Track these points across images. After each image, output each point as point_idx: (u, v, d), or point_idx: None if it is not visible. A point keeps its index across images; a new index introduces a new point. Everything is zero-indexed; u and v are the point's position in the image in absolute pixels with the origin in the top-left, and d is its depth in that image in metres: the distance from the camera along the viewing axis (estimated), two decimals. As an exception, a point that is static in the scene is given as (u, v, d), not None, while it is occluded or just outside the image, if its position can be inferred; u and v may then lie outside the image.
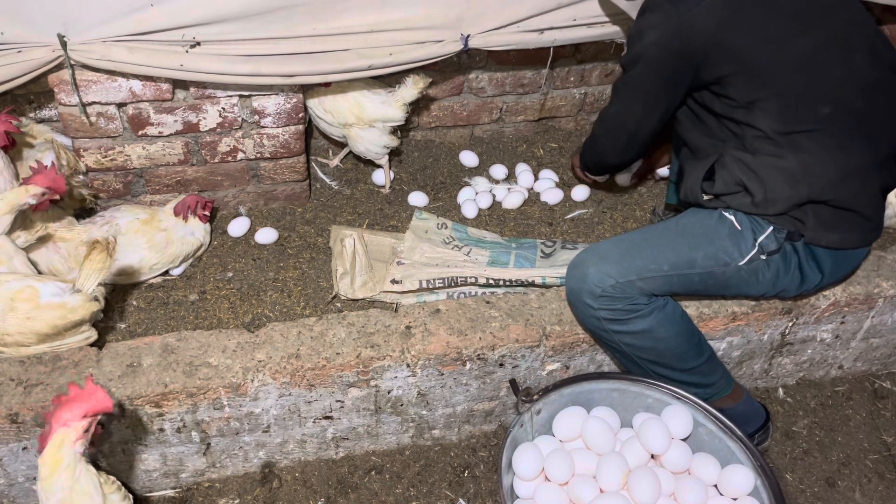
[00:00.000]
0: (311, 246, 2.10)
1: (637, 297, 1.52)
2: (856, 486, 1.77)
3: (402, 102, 2.09)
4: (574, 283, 1.57)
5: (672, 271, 1.52)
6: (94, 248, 1.51)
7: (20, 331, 1.48)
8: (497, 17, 1.93)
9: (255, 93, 1.92)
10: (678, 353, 1.58)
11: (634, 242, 1.57)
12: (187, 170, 2.05)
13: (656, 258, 1.52)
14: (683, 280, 1.54)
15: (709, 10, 1.42)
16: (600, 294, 1.51)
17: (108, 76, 1.79)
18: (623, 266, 1.52)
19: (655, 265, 1.52)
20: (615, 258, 1.53)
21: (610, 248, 1.58)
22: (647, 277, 1.51)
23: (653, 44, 1.48)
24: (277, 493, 1.67)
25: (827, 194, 1.46)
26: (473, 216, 2.20)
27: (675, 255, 1.53)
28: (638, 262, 1.52)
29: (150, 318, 1.87)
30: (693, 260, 1.52)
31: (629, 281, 1.51)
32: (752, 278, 1.54)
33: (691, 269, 1.53)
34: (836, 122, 1.44)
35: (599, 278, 1.51)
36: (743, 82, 1.45)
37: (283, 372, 1.51)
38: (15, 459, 1.49)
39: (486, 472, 1.74)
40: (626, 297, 1.51)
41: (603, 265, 1.53)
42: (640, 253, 1.54)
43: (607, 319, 1.54)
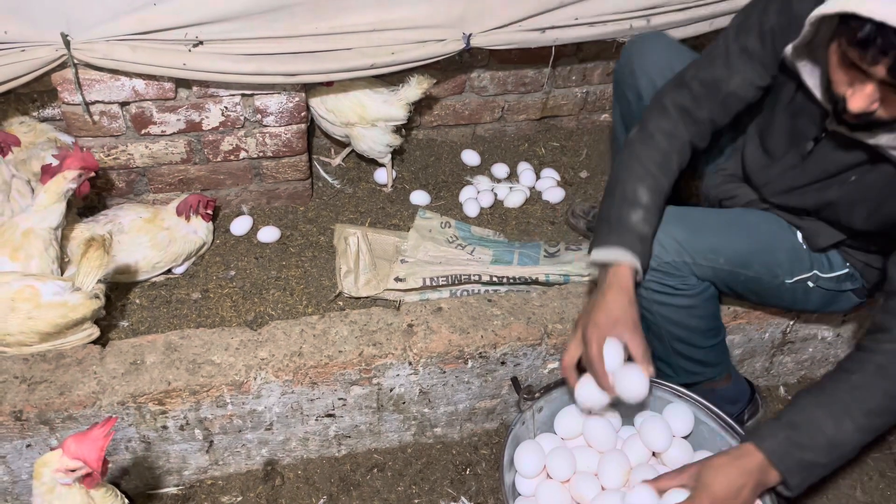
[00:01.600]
0: (314, 244, 2.10)
1: (689, 276, 1.45)
2: (857, 483, 1.77)
3: (404, 102, 2.09)
4: None
5: (725, 266, 1.45)
6: (91, 246, 1.51)
7: (22, 330, 1.48)
8: (499, 16, 1.94)
9: (258, 92, 1.93)
10: (705, 330, 1.56)
11: (699, 222, 1.48)
12: (190, 168, 2.06)
13: (716, 248, 1.45)
14: (731, 277, 1.48)
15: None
16: (655, 267, 1.43)
17: (111, 75, 1.79)
18: (684, 245, 1.43)
19: (714, 255, 1.44)
20: (677, 234, 1.43)
21: (673, 219, 1.46)
22: (700, 263, 1.44)
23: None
24: (280, 491, 1.67)
25: None
26: (475, 215, 2.20)
27: (733, 252, 1.45)
28: (698, 245, 1.43)
29: (153, 317, 1.87)
30: (749, 262, 1.46)
31: (684, 262, 1.43)
32: (788, 296, 1.51)
33: (742, 270, 1.46)
34: None
35: (657, 251, 1.42)
36: None
37: (286, 370, 1.52)
38: (19, 457, 1.49)
39: (488, 469, 1.75)
40: (679, 275, 1.45)
41: (663, 238, 1.42)
42: (702, 235, 1.45)
43: (654, 291, 1.47)
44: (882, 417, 1.23)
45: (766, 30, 1.34)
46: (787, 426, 1.25)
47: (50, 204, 1.62)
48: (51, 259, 1.63)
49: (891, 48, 0.99)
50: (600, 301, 1.36)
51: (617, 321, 1.33)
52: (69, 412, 1.43)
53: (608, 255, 1.38)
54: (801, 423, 1.24)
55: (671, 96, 1.47)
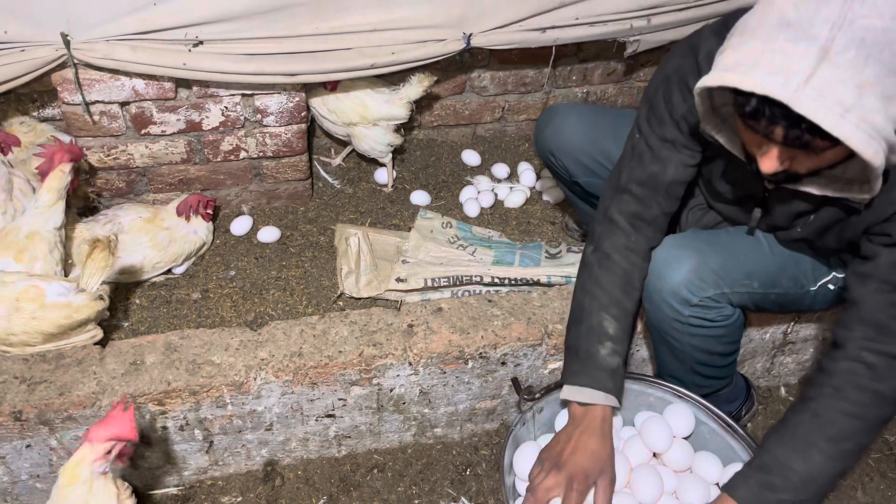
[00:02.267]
0: (314, 245, 2.10)
1: (725, 307, 1.41)
2: (858, 484, 1.77)
3: (406, 101, 2.09)
4: (661, 283, 1.40)
5: (759, 289, 1.43)
6: (96, 247, 1.51)
7: (26, 331, 1.48)
8: (499, 16, 1.94)
9: (258, 92, 1.93)
10: (728, 353, 1.55)
11: (729, 249, 1.43)
12: (190, 168, 2.06)
13: (751, 272, 1.41)
14: (762, 298, 1.45)
15: None
16: (696, 303, 1.38)
17: (112, 75, 1.79)
18: (720, 275, 1.38)
19: (748, 280, 1.41)
20: (715, 263, 1.38)
21: (707, 247, 1.41)
22: (737, 291, 1.41)
23: None
24: (280, 491, 1.67)
25: None
26: (475, 215, 2.20)
27: (765, 273, 1.42)
28: (734, 273, 1.39)
29: (152, 317, 1.87)
30: (778, 280, 1.44)
31: (722, 293, 1.39)
32: (809, 300, 1.49)
33: (773, 289, 1.44)
34: None
35: (697, 286, 1.37)
36: None
37: (286, 370, 1.51)
38: (18, 457, 1.49)
39: (489, 470, 1.75)
40: (717, 307, 1.41)
41: (702, 269, 1.38)
42: (738, 262, 1.40)
43: (692, 325, 1.43)
44: (850, 441, 1.19)
45: (678, 118, 1.33)
46: (757, 470, 1.22)
47: (54, 202, 1.62)
48: (55, 261, 1.63)
49: (781, 118, 0.96)
50: (580, 443, 1.33)
51: (602, 469, 1.32)
52: (69, 412, 1.43)
53: (580, 395, 1.37)
54: (770, 464, 1.21)
55: (616, 207, 1.43)
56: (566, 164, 1.73)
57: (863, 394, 1.18)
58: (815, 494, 1.20)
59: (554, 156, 1.74)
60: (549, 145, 1.74)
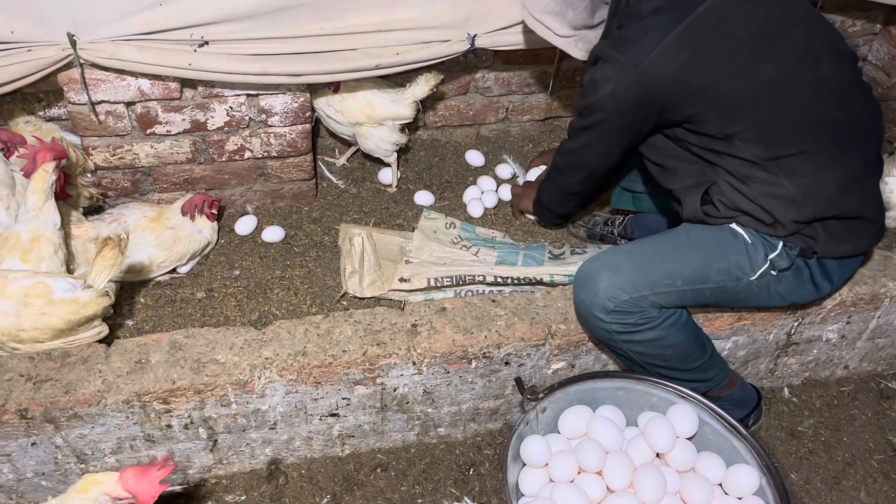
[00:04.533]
0: (318, 244, 2.11)
1: (649, 309, 1.49)
2: (861, 485, 1.76)
3: (412, 100, 2.10)
4: (584, 296, 1.53)
5: (685, 286, 1.49)
6: (107, 245, 1.52)
7: (35, 326, 1.49)
8: (504, 17, 1.94)
9: (263, 92, 1.93)
10: (684, 355, 1.58)
11: (647, 255, 1.53)
12: (195, 168, 2.06)
13: (670, 273, 1.49)
14: (696, 294, 1.51)
15: (665, 54, 1.36)
16: (613, 309, 1.48)
17: (117, 75, 1.80)
18: (636, 280, 1.48)
19: (669, 280, 1.49)
20: (628, 272, 1.49)
21: (622, 259, 1.53)
22: (660, 292, 1.49)
23: (610, 96, 1.44)
24: (283, 490, 1.68)
25: (832, 210, 1.43)
26: (479, 215, 2.20)
27: (688, 271, 1.49)
28: (651, 277, 1.49)
29: (157, 316, 1.88)
30: (706, 275, 1.49)
31: (642, 296, 1.48)
32: (763, 293, 1.52)
33: (704, 284, 1.50)
34: (822, 139, 1.41)
35: (612, 293, 1.48)
36: (715, 118, 1.41)
37: (290, 369, 1.52)
38: (24, 455, 1.50)
39: (492, 470, 1.75)
40: (639, 310, 1.49)
41: (615, 278, 1.49)
42: (653, 267, 1.50)
43: (619, 332, 1.52)
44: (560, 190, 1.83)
45: None
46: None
47: (42, 203, 1.62)
48: (59, 261, 1.63)
49: None
50: None
51: None
52: (74, 410, 1.43)
53: None
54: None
55: None
56: None
57: None
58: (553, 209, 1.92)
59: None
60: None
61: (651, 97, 1.41)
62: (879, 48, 2.48)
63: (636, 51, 1.38)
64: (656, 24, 1.39)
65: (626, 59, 1.38)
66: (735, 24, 1.38)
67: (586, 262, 1.57)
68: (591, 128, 1.54)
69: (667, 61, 1.37)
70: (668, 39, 1.36)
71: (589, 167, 1.67)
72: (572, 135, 1.63)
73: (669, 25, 1.37)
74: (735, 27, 1.39)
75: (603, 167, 1.65)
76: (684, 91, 1.39)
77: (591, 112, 1.51)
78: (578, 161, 1.68)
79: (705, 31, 1.38)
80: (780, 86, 1.39)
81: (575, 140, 1.63)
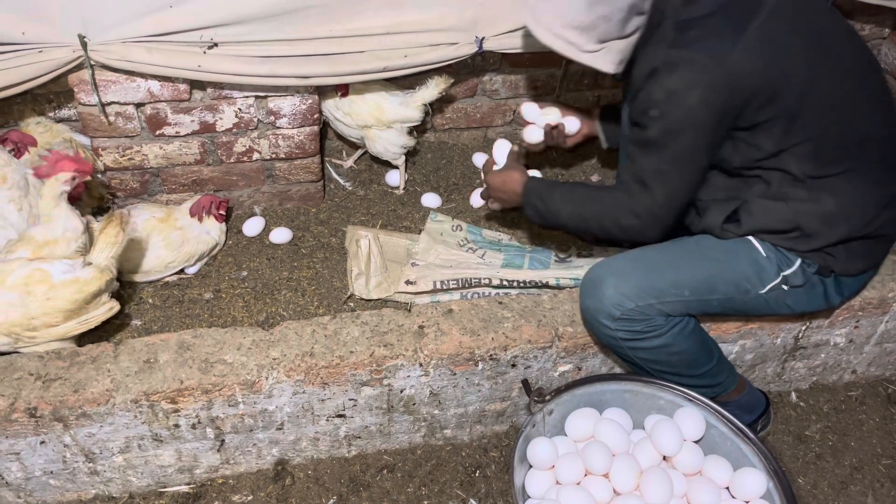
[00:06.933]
0: (325, 246, 2.11)
1: (655, 317, 1.48)
2: (868, 490, 1.76)
3: (420, 103, 2.10)
4: (590, 302, 1.51)
5: (692, 296, 1.48)
6: (110, 223, 1.58)
7: (44, 311, 1.52)
8: (511, 20, 1.94)
9: (271, 94, 1.94)
10: (691, 361, 1.57)
11: (655, 263, 1.50)
12: (203, 169, 2.07)
13: (677, 282, 1.47)
14: (702, 305, 1.50)
15: (750, 49, 1.25)
16: (619, 316, 1.47)
17: (127, 76, 1.81)
18: (643, 288, 1.46)
19: (676, 290, 1.47)
20: (635, 279, 1.47)
21: (628, 266, 1.51)
22: (666, 301, 1.47)
23: (700, 105, 1.28)
24: (290, 491, 1.68)
25: (865, 230, 1.41)
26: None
27: (696, 280, 1.47)
28: (658, 285, 1.46)
29: (165, 316, 1.89)
30: (714, 286, 1.47)
31: (649, 304, 1.46)
32: (772, 304, 1.51)
33: (711, 295, 1.48)
34: (868, 158, 1.37)
35: (618, 300, 1.46)
36: (781, 127, 1.32)
37: (297, 370, 1.52)
38: (33, 453, 1.51)
39: (498, 472, 1.75)
40: (645, 318, 1.47)
41: (622, 286, 1.46)
42: (660, 275, 1.47)
43: (624, 339, 1.51)
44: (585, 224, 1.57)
45: None
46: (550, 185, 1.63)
47: (51, 209, 1.64)
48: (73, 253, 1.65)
49: None
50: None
51: None
52: (83, 409, 1.44)
53: None
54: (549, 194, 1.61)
55: None
56: None
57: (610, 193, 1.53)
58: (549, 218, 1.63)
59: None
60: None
61: (739, 100, 1.29)
62: (888, 52, 2.48)
63: (718, 47, 1.26)
64: (729, 18, 1.28)
65: (708, 58, 1.26)
66: (796, 28, 1.31)
67: (592, 268, 1.56)
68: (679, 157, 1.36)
69: (752, 58, 1.26)
70: (749, 31, 1.26)
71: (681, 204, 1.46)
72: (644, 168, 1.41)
73: (744, 19, 1.27)
74: (797, 33, 1.31)
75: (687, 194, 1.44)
76: (764, 91, 1.29)
77: (675, 135, 1.33)
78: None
79: (781, 27, 1.29)
80: (838, 100, 1.34)
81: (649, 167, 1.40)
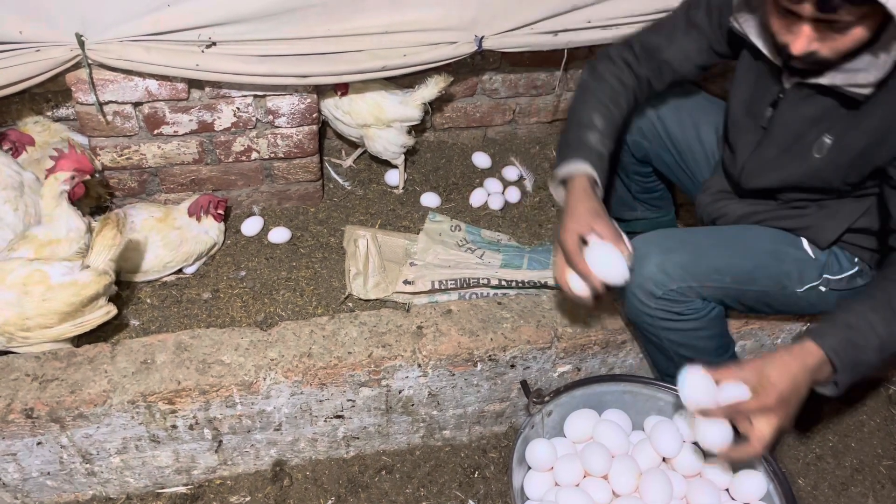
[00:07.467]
0: (324, 246, 2.11)
1: (694, 300, 1.46)
2: (869, 492, 1.75)
3: (420, 102, 2.10)
4: (631, 277, 1.43)
5: (732, 284, 1.45)
6: (106, 225, 1.56)
7: (40, 313, 1.52)
8: (511, 19, 1.93)
9: (270, 93, 1.94)
10: (714, 348, 1.56)
11: (702, 245, 1.48)
12: (202, 169, 2.07)
13: (720, 268, 1.45)
14: (738, 294, 1.48)
15: None
16: (660, 296, 1.44)
17: (125, 76, 1.80)
18: (687, 270, 1.43)
19: (719, 275, 1.44)
20: (680, 259, 1.44)
21: (674, 245, 1.47)
22: (707, 285, 1.44)
23: None
24: (288, 492, 1.68)
25: None
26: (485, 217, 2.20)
27: (739, 269, 1.45)
28: (702, 269, 1.44)
29: (163, 316, 1.88)
30: (755, 278, 1.46)
31: (689, 286, 1.44)
32: (803, 303, 1.50)
33: (750, 286, 1.46)
34: None
35: (661, 279, 1.43)
36: None
37: (295, 371, 1.52)
38: (29, 454, 1.50)
39: (497, 473, 1.74)
40: (685, 301, 1.45)
41: (667, 265, 1.43)
42: (706, 259, 1.45)
43: (661, 319, 1.48)
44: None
45: (714, 6, 1.43)
46: (844, 327, 1.26)
47: (52, 209, 1.64)
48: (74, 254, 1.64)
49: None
50: (565, 210, 1.43)
51: (581, 215, 1.39)
52: (80, 410, 1.44)
53: (568, 169, 1.46)
54: (856, 325, 1.26)
55: (616, 50, 1.57)
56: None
57: None
58: (881, 360, 1.28)
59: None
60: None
61: None
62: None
63: None
64: None
65: None
66: None
67: (634, 240, 1.47)
68: None
69: None
70: None
71: None
72: None
73: None
74: None
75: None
76: None
77: None
78: None
79: None
80: None
81: None
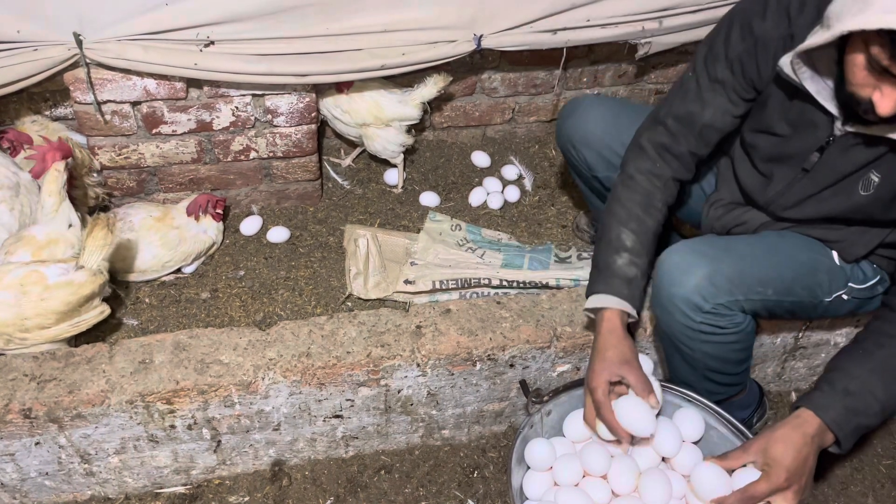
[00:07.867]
0: (323, 245, 2.10)
1: (737, 314, 1.40)
2: (869, 491, 1.75)
3: (419, 101, 2.10)
4: (676, 290, 1.38)
5: (773, 296, 1.41)
6: (97, 226, 1.57)
7: (38, 312, 1.53)
8: (510, 18, 1.93)
9: (269, 92, 1.93)
10: (740, 360, 1.54)
11: (745, 256, 1.41)
12: (200, 168, 2.06)
13: (764, 279, 1.39)
14: (775, 305, 1.44)
15: None
16: (708, 310, 1.37)
17: (123, 75, 1.80)
18: (734, 282, 1.37)
19: (762, 287, 1.40)
20: (727, 271, 1.37)
21: (721, 254, 1.40)
22: (751, 298, 1.40)
23: None
24: (287, 492, 1.67)
25: None
26: (484, 216, 2.19)
27: (781, 281, 1.41)
28: (748, 280, 1.38)
29: (162, 316, 1.88)
30: (792, 289, 1.42)
31: (735, 300, 1.37)
32: (822, 310, 1.49)
33: (787, 297, 1.43)
34: None
35: (709, 292, 1.36)
36: None
37: (294, 370, 1.51)
38: (27, 454, 1.50)
39: (496, 472, 1.74)
40: (730, 314, 1.40)
41: (715, 276, 1.36)
42: (751, 270, 1.39)
43: (705, 332, 1.41)
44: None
45: (734, 57, 1.37)
46: (843, 395, 1.26)
47: (58, 205, 1.64)
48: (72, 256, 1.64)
49: None
50: (594, 350, 1.41)
51: (610, 362, 1.37)
52: (78, 410, 1.43)
53: (595, 301, 1.44)
54: (856, 391, 1.26)
55: (647, 136, 1.50)
56: (586, 156, 1.70)
57: None
58: (882, 420, 1.29)
59: (574, 147, 1.71)
60: (570, 136, 1.71)
61: None
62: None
63: None
64: None
65: None
66: None
67: (675, 248, 1.43)
68: None
69: None
70: None
71: None
72: None
73: None
74: None
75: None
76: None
77: None
78: None
79: None
80: None
81: None
